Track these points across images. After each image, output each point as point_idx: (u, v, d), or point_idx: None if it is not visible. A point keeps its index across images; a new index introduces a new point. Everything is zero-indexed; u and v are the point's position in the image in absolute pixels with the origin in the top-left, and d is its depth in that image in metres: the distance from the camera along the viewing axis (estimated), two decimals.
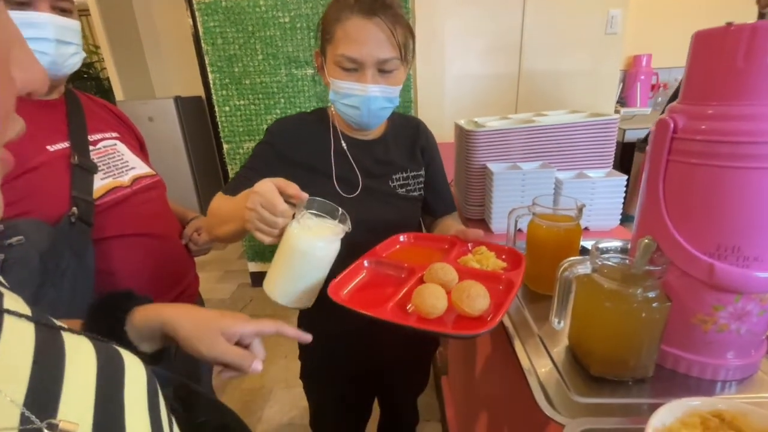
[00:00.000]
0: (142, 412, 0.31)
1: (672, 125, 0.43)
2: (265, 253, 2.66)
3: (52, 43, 0.68)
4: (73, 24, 0.72)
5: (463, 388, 1.20)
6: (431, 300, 0.51)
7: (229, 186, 0.75)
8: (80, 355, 0.29)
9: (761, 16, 0.93)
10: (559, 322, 0.53)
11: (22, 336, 0.26)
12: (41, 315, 0.29)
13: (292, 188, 0.58)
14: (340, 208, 0.62)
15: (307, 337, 0.54)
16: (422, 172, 0.88)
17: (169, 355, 0.50)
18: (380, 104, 0.73)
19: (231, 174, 2.47)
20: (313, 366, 0.92)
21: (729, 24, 0.38)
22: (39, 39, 0.67)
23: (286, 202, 0.56)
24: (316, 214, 0.62)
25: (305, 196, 0.59)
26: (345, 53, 0.68)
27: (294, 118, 0.83)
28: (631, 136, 2.32)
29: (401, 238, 0.76)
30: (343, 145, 0.80)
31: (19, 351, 0.25)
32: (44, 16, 0.66)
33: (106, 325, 0.43)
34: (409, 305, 0.55)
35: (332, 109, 0.81)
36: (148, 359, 0.44)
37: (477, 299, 0.50)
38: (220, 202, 0.72)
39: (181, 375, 0.45)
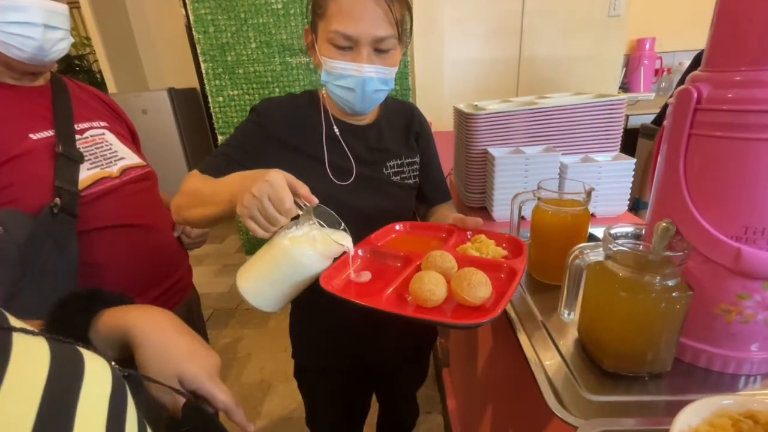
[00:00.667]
0: (98, 421, 0.27)
1: (695, 95, 0.39)
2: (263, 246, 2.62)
3: (39, 28, 0.65)
4: (60, 8, 0.68)
5: (464, 380, 1.17)
6: (429, 286, 0.48)
7: (208, 164, 0.69)
8: (28, 359, 0.26)
9: None
10: (568, 314, 0.49)
11: None
12: None
13: (303, 189, 0.53)
14: (342, 223, 0.58)
15: (250, 429, 0.46)
16: (417, 159, 0.83)
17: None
18: (375, 86, 0.68)
19: None
20: (307, 362, 0.88)
21: None
22: (26, 23, 0.64)
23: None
24: (319, 224, 0.57)
25: (315, 200, 0.54)
26: (339, 29, 0.63)
27: (283, 99, 0.77)
28: (635, 121, 2.27)
29: (397, 227, 0.72)
30: (336, 130, 0.75)
31: None
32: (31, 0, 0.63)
33: (66, 330, 0.36)
34: (408, 296, 0.51)
35: (323, 91, 0.76)
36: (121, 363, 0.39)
37: (478, 287, 0.47)
38: (200, 181, 0.65)
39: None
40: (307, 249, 0.54)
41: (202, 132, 3.52)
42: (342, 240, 0.57)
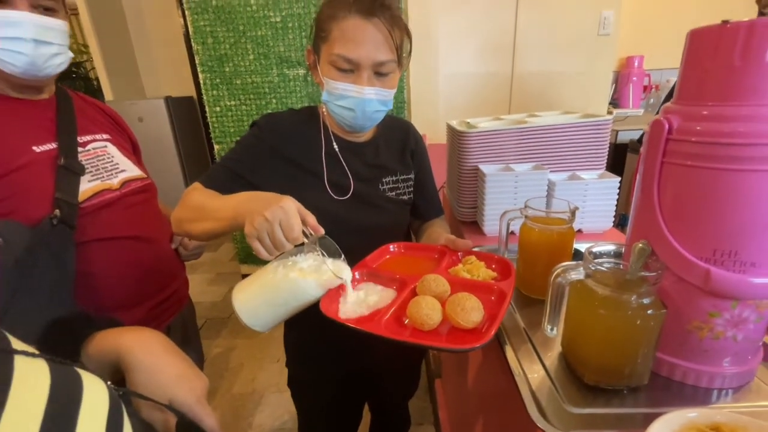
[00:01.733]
0: None
1: (667, 126, 0.42)
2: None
3: (30, 43, 0.66)
4: (55, 23, 0.69)
5: (456, 391, 1.18)
6: (426, 311, 0.51)
7: (209, 177, 0.71)
8: (29, 381, 0.27)
9: (761, 15, 0.92)
10: (552, 329, 0.52)
11: None
12: None
13: (311, 218, 0.55)
14: (342, 255, 0.61)
15: None
16: (412, 176, 0.86)
17: None
18: (375, 107, 0.71)
19: None
20: (300, 372, 0.90)
21: (725, 22, 0.37)
22: (15, 39, 0.65)
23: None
24: (322, 254, 0.60)
25: (321, 231, 0.56)
26: (341, 53, 0.66)
27: (284, 114, 0.80)
28: (624, 137, 2.32)
29: (391, 248, 0.75)
30: (335, 146, 0.78)
31: None
32: (21, 14, 0.64)
33: (58, 355, 0.35)
34: (406, 319, 0.54)
35: (323, 109, 0.79)
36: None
37: (472, 312, 0.50)
38: (202, 196, 0.67)
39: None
40: (312, 282, 0.56)
41: (198, 140, 3.53)
42: (342, 272, 0.60)
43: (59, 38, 0.70)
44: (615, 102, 2.66)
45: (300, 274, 0.57)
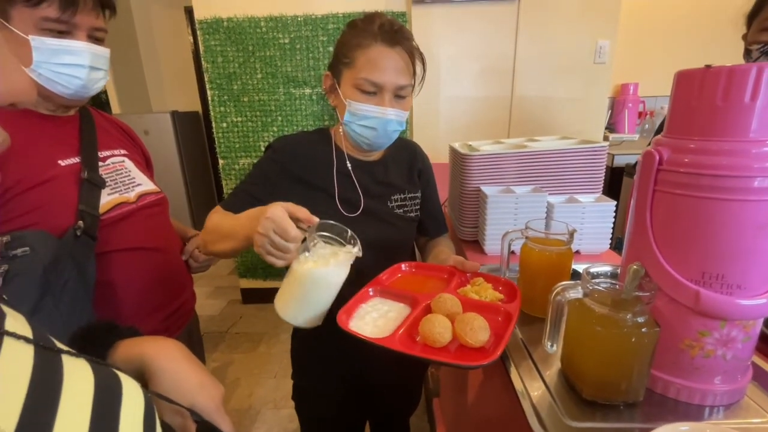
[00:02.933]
0: None
1: (657, 157, 0.45)
2: (257, 269, 2.64)
3: (86, 69, 0.72)
4: (105, 52, 0.76)
5: (454, 410, 1.18)
6: (439, 329, 0.54)
7: (228, 201, 0.76)
8: (78, 380, 0.29)
9: (747, 52, 0.97)
10: (552, 346, 0.54)
11: (20, 359, 0.26)
12: (42, 336, 0.29)
13: (302, 212, 0.59)
14: (349, 230, 0.64)
15: None
16: (418, 194, 0.90)
17: None
18: (393, 126, 0.78)
19: (226, 189, 2.48)
20: (307, 383, 0.91)
21: (708, 66, 0.41)
22: (75, 65, 0.71)
23: (297, 226, 0.57)
24: (326, 239, 0.63)
25: (315, 220, 0.60)
26: (368, 77, 0.73)
27: (297, 136, 0.85)
28: (620, 161, 2.39)
29: (403, 266, 0.78)
30: (348, 165, 0.82)
31: (15, 376, 0.25)
32: (81, 44, 0.71)
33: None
34: (417, 336, 0.56)
35: (338, 129, 0.84)
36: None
37: (479, 332, 0.53)
38: (220, 218, 0.72)
39: None
40: (324, 269, 0.60)
41: (202, 155, 3.58)
42: (350, 248, 0.63)
43: (106, 64, 0.77)
44: (612, 127, 2.74)
45: (314, 265, 0.60)
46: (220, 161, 2.42)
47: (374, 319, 0.61)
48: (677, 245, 0.46)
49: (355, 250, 0.63)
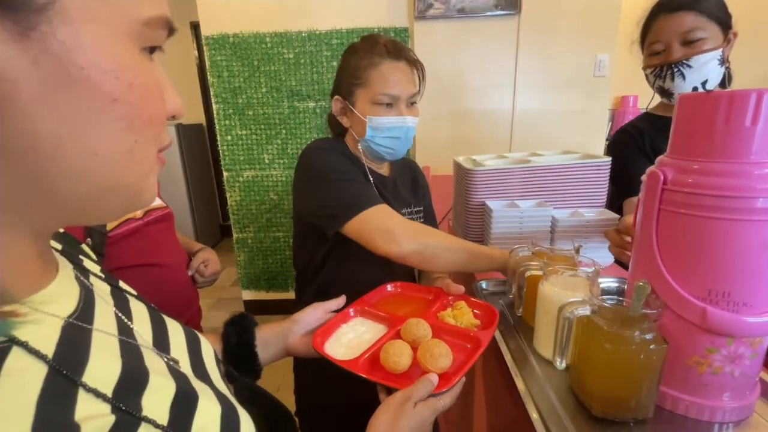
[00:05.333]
0: None
1: (662, 177, 0.46)
2: (260, 281, 2.64)
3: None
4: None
5: (460, 426, 1.18)
6: (394, 358, 0.55)
7: (365, 198, 0.77)
8: (208, 405, 0.33)
9: (646, 77, 1.06)
10: (560, 362, 0.55)
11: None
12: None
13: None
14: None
15: None
16: (422, 209, 0.93)
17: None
18: (412, 132, 0.86)
19: (230, 201, 2.49)
20: (311, 399, 0.91)
21: (709, 91, 0.42)
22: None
23: None
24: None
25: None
26: (385, 92, 0.80)
27: (333, 142, 0.89)
28: None
29: (389, 287, 0.78)
30: (371, 178, 0.86)
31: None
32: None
33: (238, 339, 0.56)
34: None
35: (351, 143, 0.88)
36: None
37: (439, 359, 0.54)
38: (443, 236, 0.78)
39: None
40: None
41: (206, 167, 3.61)
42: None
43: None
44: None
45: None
46: (225, 173, 2.45)
47: (349, 340, 0.63)
48: (683, 263, 0.47)
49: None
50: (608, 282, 0.77)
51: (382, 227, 0.74)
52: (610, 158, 0.99)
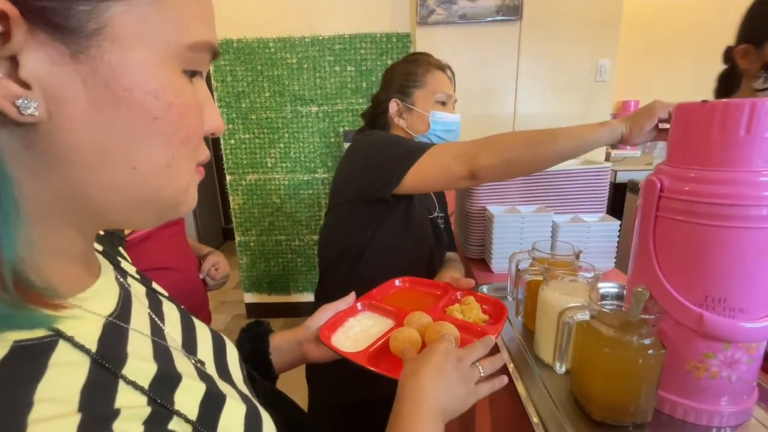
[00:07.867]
0: None
1: (659, 185, 0.47)
2: (262, 284, 2.65)
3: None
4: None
5: (461, 430, 1.18)
6: (407, 334, 0.56)
7: (420, 146, 0.82)
8: (234, 407, 0.34)
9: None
10: (560, 366, 0.55)
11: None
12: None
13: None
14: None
15: None
16: (443, 214, 1.02)
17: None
18: (459, 129, 1.01)
19: (233, 204, 2.50)
20: (328, 396, 0.92)
21: (704, 101, 0.43)
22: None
23: None
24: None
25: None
26: (444, 91, 0.96)
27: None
28: (623, 177, 2.41)
29: (397, 282, 0.78)
30: None
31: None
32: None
33: (252, 347, 0.57)
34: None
35: None
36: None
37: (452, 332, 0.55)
38: (515, 134, 0.90)
39: None
40: None
41: (209, 170, 3.63)
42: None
43: None
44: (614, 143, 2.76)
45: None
46: (228, 177, 2.46)
47: (356, 333, 0.63)
48: (680, 269, 0.47)
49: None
50: (607, 287, 0.77)
51: (451, 153, 0.78)
52: (610, 164, 0.99)
